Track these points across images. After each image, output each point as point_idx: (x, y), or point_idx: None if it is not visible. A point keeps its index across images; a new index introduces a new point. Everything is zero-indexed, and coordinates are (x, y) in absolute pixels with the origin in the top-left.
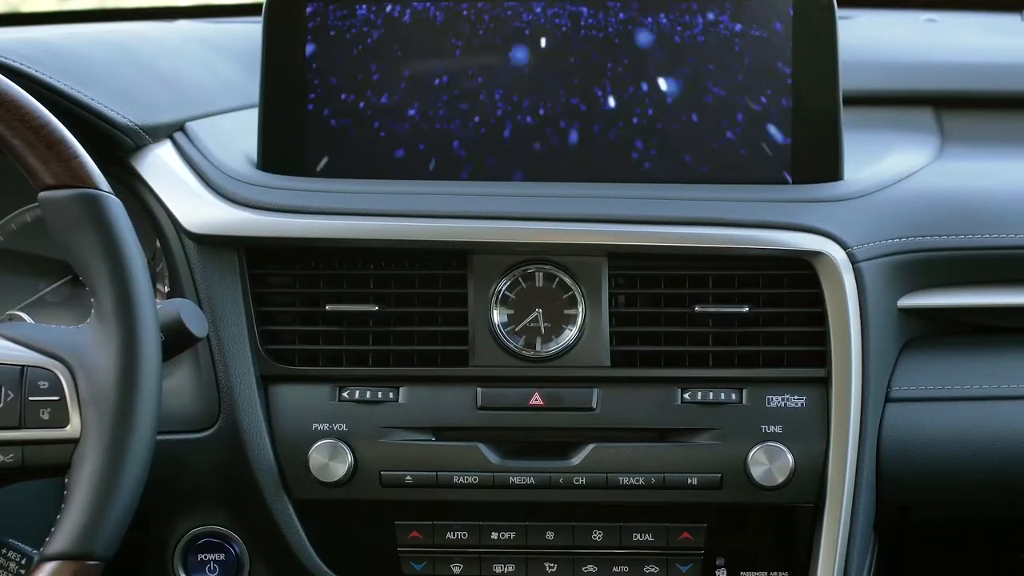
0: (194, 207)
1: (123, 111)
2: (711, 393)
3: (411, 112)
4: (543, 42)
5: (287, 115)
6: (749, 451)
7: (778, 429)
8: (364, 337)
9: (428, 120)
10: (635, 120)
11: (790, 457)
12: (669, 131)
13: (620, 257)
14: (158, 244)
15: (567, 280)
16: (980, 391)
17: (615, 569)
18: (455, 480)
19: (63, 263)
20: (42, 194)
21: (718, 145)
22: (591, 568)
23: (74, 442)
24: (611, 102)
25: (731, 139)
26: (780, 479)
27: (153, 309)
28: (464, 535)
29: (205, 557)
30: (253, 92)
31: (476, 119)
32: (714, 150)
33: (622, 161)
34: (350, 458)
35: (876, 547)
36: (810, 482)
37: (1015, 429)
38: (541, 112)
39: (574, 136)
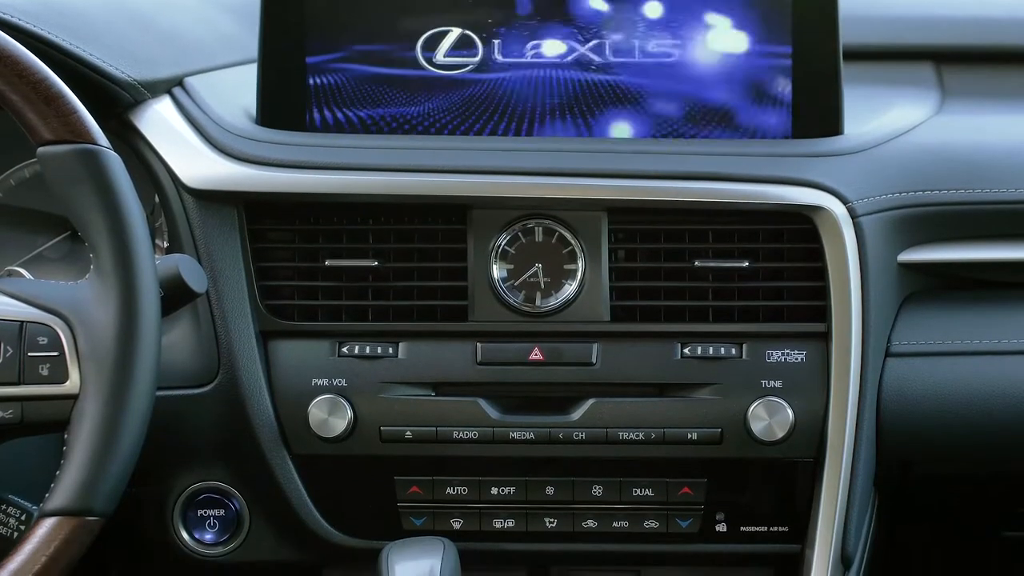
0: (193, 162)
1: (121, 66)
2: (711, 348)
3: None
4: None
5: (286, 70)
6: (749, 406)
7: (778, 384)
8: (363, 292)
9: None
10: (635, 74)
11: (790, 412)
12: (669, 86)
13: (620, 212)
14: (157, 200)
15: (567, 235)
16: (980, 346)
17: (615, 524)
18: (455, 435)
19: (62, 219)
20: (40, 149)
21: (718, 99)
22: (591, 523)
23: (73, 398)
24: (610, 55)
25: (731, 94)
26: (780, 434)
27: (152, 264)
28: (464, 490)
29: (205, 513)
30: (252, 47)
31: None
32: (714, 104)
33: (622, 116)
34: (349, 413)
35: (876, 502)
36: (810, 437)
37: (1015, 383)
38: (542, 61)
39: (573, 90)
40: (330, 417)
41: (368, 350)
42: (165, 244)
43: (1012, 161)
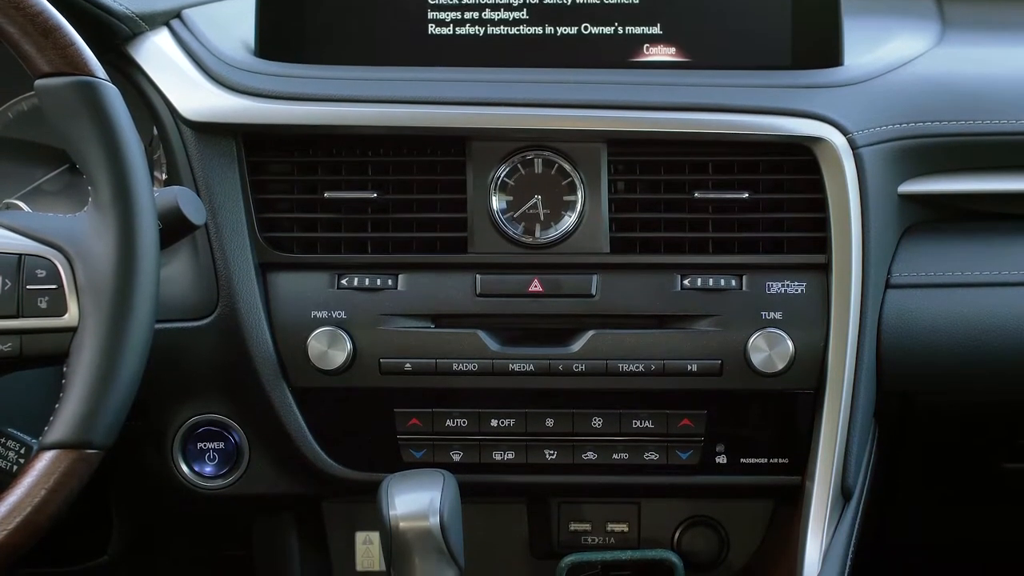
0: (191, 94)
1: None
2: (711, 279)
3: None
4: None
5: (284, 1)
6: (749, 337)
7: (778, 315)
8: (363, 224)
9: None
10: (634, 5)
11: (790, 343)
12: (669, 16)
13: (619, 143)
14: (155, 132)
15: (566, 166)
16: (980, 277)
17: (615, 456)
18: (454, 367)
19: (60, 152)
20: (38, 82)
21: (718, 30)
22: (591, 455)
23: (72, 330)
24: None
25: (731, 24)
26: (780, 365)
27: (150, 196)
28: (464, 422)
29: (204, 446)
30: None
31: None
32: (714, 35)
33: (621, 46)
34: (349, 345)
35: (876, 434)
36: (810, 368)
37: (1015, 315)
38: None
39: (574, 21)
40: (329, 349)
41: (367, 282)
42: (163, 176)
43: (1012, 92)
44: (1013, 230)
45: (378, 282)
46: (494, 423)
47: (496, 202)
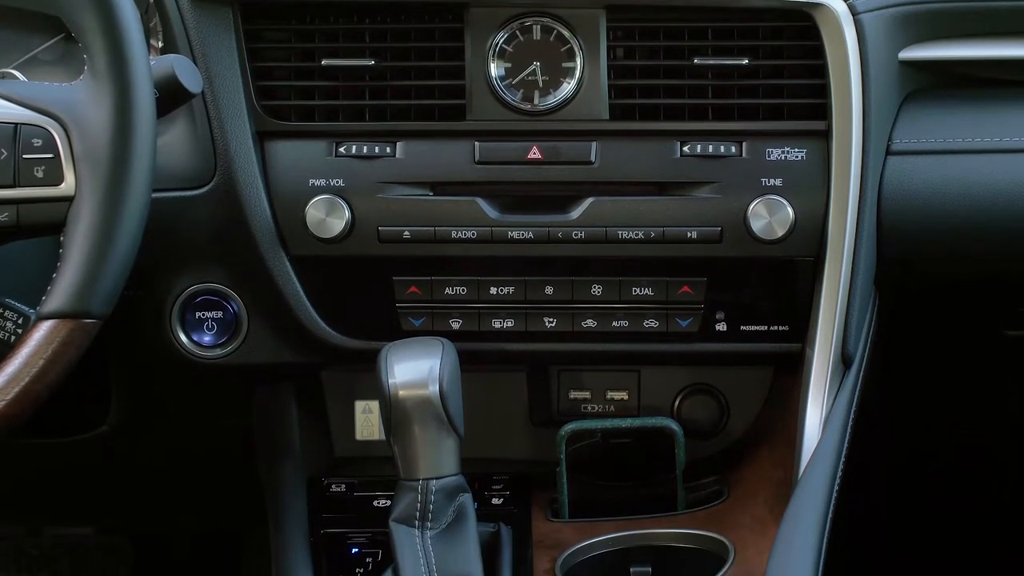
0: None
1: None
2: (710, 146)
3: None
4: None
5: None
6: (749, 204)
7: (778, 182)
8: (360, 92)
9: None
10: None
11: (790, 210)
12: None
13: (618, 9)
14: (151, 0)
15: (565, 32)
16: (981, 144)
17: (614, 323)
18: (453, 235)
19: (56, 20)
20: None
21: None
22: (590, 323)
23: (69, 200)
24: None
25: None
26: (780, 232)
27: (147, 64)
28: (463, 290)
29: (203, 315)
30: None
31: None
32: None
33: None
34: (347, 213)
35: (876, 302)
36: (810, 235)
37: (1015, 181)
38: None
39: None
40: (328, 217)
41: (365, 150)
42: (160, 45)
43: None
44: (1014, 96)
45: (376, 150)
46: (493, 291)
47: (494, 69)
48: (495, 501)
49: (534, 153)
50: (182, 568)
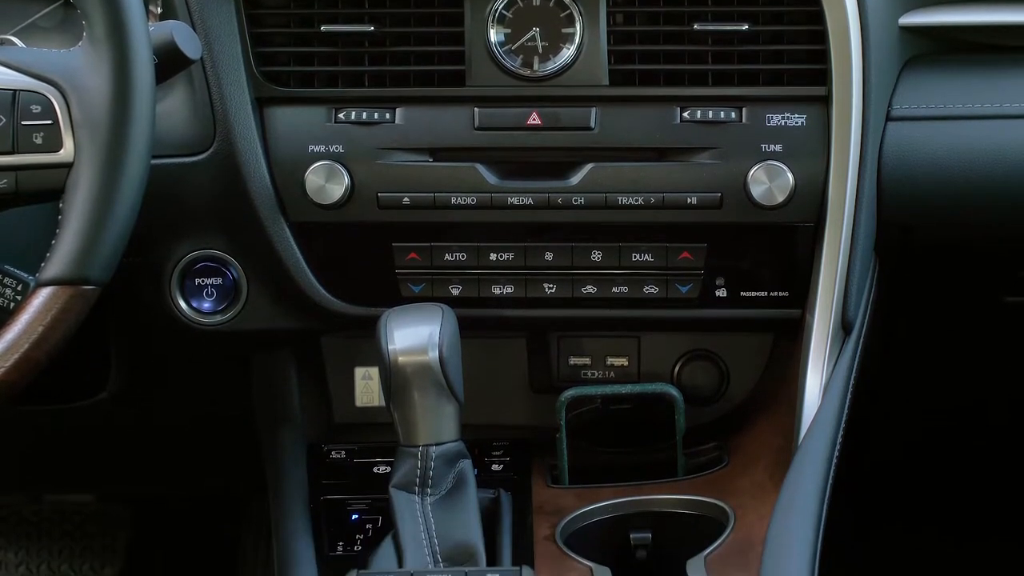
0: None
1: None
2: (710, 111)
3: None
4: None
5: None
6: (749, 170)
7: (778, 148)
8: (360, 58)
9: None
10: None
11: (790, 176)
12: None
13: None
14: None
15: None
16: (981, 110)
17: (614, 290)
18: (453, 201)
19: None
20: None
21: None
22: (590, 288)
23: (68, 166)
24: None
25: None
26: (780, 198)
27: (145, 31)
28: (462, 256)
29: (202, 281)
30: None
31: None
32: None
33: None
34: (347, 180)
35: (876, 268)
36: (810, 201)
37: (1015, 147)
38: None
39: None
40: (327, 183)
41: (365, 115)
42: (159, 11)
43: None
44: (1014, 62)
45: (375, 116)
46: (493, 257)
47: (494, 34)
48: (495, 467)
49: (534, 119)
50: (181, 535)
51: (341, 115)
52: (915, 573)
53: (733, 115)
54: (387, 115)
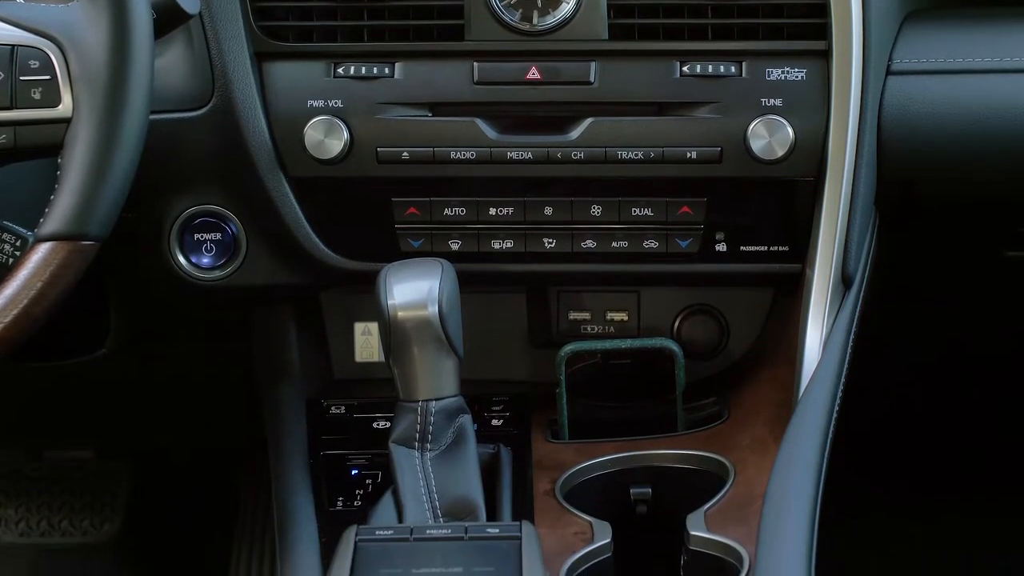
0: None
1: None
2: (710, 66)
3: None
4: None
5: None
6: (749, 124)
7: (778, 102)
8: (359, 12)
9: None
10: None
11: (790, 130)
12: None
13: None
14: None
15: None
16: (982, 64)
17: (614, 244)
18: (452, 156)
19: None
20: None
21: None
22: (590, 243)
23: (66, 121)
24: None
25: None
26: (780, 152)
27: None
28: (462, 211)
29: (202, 237)
30: None
31: None
32: None
33: None
34: (346, 135)
35: (877, 223)
36: (810, 156)
37: (1015, 102)
38: None
39: None
40: (326, 138)
41: (364, 70)
42: None
43: None
44: (1015, 16)
45: (375, 70)
46: (492, 212)
47: None
48: (495, 422)
49: (533, 73)
50: (181, 491)
51: (340, 70)
52: (914, 526)
53: (733, 69)
54: (386, 70)
